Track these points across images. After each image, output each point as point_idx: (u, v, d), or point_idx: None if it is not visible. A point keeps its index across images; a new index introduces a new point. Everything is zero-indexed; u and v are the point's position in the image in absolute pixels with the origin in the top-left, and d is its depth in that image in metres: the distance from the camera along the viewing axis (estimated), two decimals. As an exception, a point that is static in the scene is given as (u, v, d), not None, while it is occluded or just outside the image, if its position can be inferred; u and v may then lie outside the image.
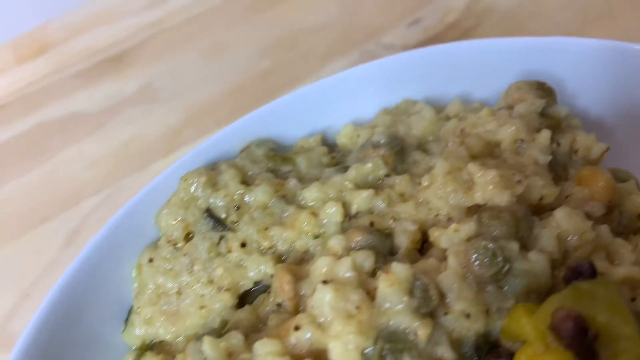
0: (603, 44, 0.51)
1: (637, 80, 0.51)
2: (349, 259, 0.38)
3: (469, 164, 0.41)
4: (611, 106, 0.53)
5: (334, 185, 0.44)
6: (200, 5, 0.89)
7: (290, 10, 0.88)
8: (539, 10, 0.84)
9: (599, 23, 0.82)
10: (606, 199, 0.42)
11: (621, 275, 0.38)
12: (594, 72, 0.52)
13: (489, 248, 0.36)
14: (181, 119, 0.80)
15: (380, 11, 0.87)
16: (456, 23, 0.84)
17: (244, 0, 0.89)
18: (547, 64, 0.53)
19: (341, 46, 0.84)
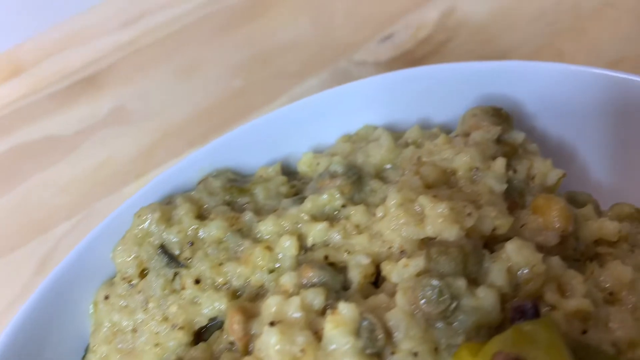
0: (561, 68, 0.51)
1: (594, 102, 0.51)
2: (298, 299, 0.37)
3: (420, 196, 0.41)
4: (571, 129, 0.53)
5: (290, 218, 0.44)
6: (174, 25, 0.89)
7: (263, 28, 0.88)
8: (511, 24, 0.84)
9: (570, 36, 0.82)
10: (560, 228, 0.42)
11: (572, 307, 0.38)
12: (554, 95, 0.52)
13: (436, 286, 0.36)
14: (153, 141, 0.79)
15: (353, 28, 0.87)
16: (428, 38, 0.84)
17: (216, 19, 0.89)
18: (507, 88, 0.52)
19: (313, 64, 0.84)
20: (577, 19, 0.84)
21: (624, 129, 0.51)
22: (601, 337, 0.38)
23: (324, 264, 0.41)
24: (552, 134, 0.53)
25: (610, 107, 0.51)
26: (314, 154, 0.51)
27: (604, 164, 0.53)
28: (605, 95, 0.51)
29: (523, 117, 0.53)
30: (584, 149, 0.53)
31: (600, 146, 0.52)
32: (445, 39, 0.84)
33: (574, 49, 0.81)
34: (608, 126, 0.52)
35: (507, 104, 0.53)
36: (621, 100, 0.51)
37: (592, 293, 0.39)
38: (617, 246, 0.45)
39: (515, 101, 0.53)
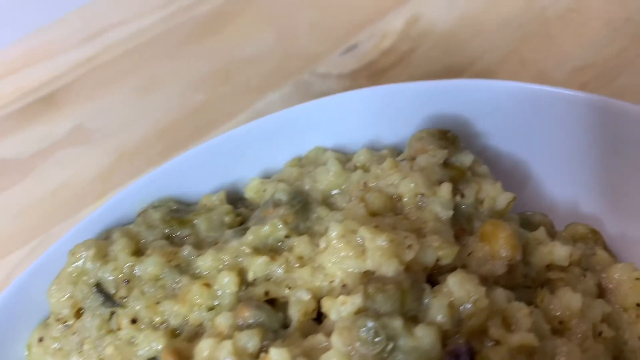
0: (512, 86, 0.50)
1: (547, 120, 0.50)
2: (230, 343, 0.36)
3: (360, 228, 0.39)
4: (525, 147, 0.51)
5: (230, 251, 0.43)
6: (135, 40, 0.87)
7: (225, 41, 0.86)
8: (476, 32, 0.82)
9: (536, 42, 0.80)
10: (507, 257, 0.41)
11: (516, 342, 0.36)
12: (506, 114, 0.50)
13: (371, 327, 0.34)
14: (113, 161, 0.78)
15: (316, 39, 0.85)
16: (392, 48, 0.82)
17: (177, 33, 0.87)
18: (459, 106, 0.51)
19: (276, 77, 0.82)
20: (543, 26, 0.83)
21: (578, 146, 0.50)
22: (547, 372, 0.36)
23: (261, 303, 0.40)
24: (505, 153, 0.52)
25: (563, 124, 0.50)
26: (261, 180, 0.49)
27: (559, 181, 0.51)
28: (557, 113, 0.50)
29: (475, 136, 0.52)
30: (539, 167, 0.52)
31: (555, 164, 0.51)
32: (410, 49, 0.82)
33: (540, 56, 0.80)
34: (562, 143, 0.51)
35: (459, 124, 0.51)
36: (573, 117, 0.49)
37: (538, 325, 0.38)
38: (568, 271, 0.43)
39: (468, 120, 0.51)
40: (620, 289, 0.43)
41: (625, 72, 0.77)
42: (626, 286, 0.43)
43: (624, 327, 0.42)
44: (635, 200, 0.49)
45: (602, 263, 0.45)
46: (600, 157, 0.50)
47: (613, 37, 0.79)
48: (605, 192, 0.50)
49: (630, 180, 0.49)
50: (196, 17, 0.88)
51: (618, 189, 0.49)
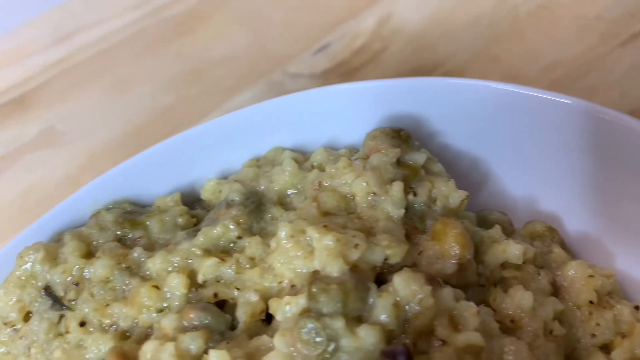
0: (472, 84, 0.49)
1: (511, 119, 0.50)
2: (172, 345, 0.35)
3: (308, 228, 0.39)
4: (486, 145, 0.51)
5: (180, 253, 0.42)
6: (106, 42, 0.87)
7: (197, 42, 0.86)
8: (447, 30, 0.82)
9: (506, 41, 0.80)
10: (457, 255, 0.40)
11: (463, 342, 0.36)
12: (465, 112, 0.50)
13: (312, 328, 0.34)
14: (82, 163, 0.77)
15: (288, 39, 0.85)
16: (363, 48, 0.82)
17: (149, 34, 0.87)
18: (417, 105, 0.51)
19: (247, 77, 0.82)
20: (514, 23, 0.82)
21: (538, 144, 0.50)
22: (494, 371, 0.36)
23: (208, 304, 0.39)
24: (466, 152, 0.52)
25: (522, 122, 0.50)
26: (217, 181, 0.49)
27: (520, 180, 0.51)
28: (516, 111, 0.49)
29: (435, 135, 0.51)
30: (499, 165, 0.52)
31: (516, 162, 0.51)
32: (381, 48, 0.82)
33: (510, 54, 0.80)
34: (522, 142, 0.50)
35: (419, 122, 0.51)
36: (532, 115, 0.49)
37: (487, 324, 0.38)
38: (523, 269, 0.43)
39: (427, 119, 0.51)
40: (574, 286, 0.43)
41: (595, 69, 0.77)
42: (579, 283, 0.43)
43: (577, 324, 0.42)
44: (594, 198, 0.49)
45: (558, 261, 0.45)
46: (561, 155, 0.49)
47: (583, 34, 0.79)
48: (565, 190, 0.50)
49: (590, 178, 0.49)
50: (168, 18, 0.88)
51: (577, 186, 0.49)
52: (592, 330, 0.41)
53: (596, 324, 0.41)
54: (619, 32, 0.80)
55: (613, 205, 0.48)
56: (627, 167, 0.46)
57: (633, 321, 0.42)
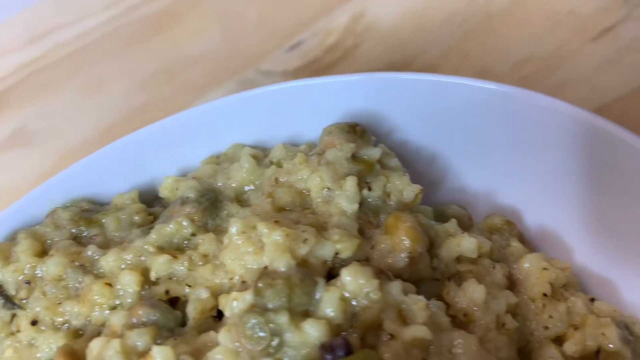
0: (432, 80, 0.49)
1: (471, 114, 0.50)
2: (117, 342, 0.35)
3: (259, 223, 0.39)
4: (446, 139, 0.51)
5: (134, 250, 0.42)
6: (79, 42, 0.86)
7: (171, 41, 0.86)
8: (420, 27, 0.82)
9: (478, 37, 0.80)
10: (408, 249, 0.40)
11: (410, 336, 0.36)
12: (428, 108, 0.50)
13: (255, 323, 0.34)
14: (54, 163, 0.77)
15: (262, 37, 0.84)
16: (336, 45, 0.82)
17: (122, 34, 0.86)
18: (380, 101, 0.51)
19: (220, 76, 0.81)
20: (487, 20, 0.82)
21: (497, 138, 0.50)
22: (442, 365, 0.36)
23: (157, 301, 0.39)
24: (426, 147, 0.52)
25: (482, 117, 0.50)
26: (176, 178, 0.48)
27: (481, 174, 0.51)
28: (476, 106, 0.49)
29: (395, 130, 0.51)
30: (460, 160, 0.51)
31: (476, 157, 0.51)
32: (354, 45, 0.82)
33: (482, 51, 0.80)
34: (483, 136, 0.50)
35: (380, 117, 0.51)
36: (492, 110, 0.49)
37: (436, 318, 0.38)
38: (478, 263, 0.43)
39: (388, 114, 0.51)
40: (529, 279, 0.43)
41: (565, 65, 0.77)
42: (534, 276, 0.43)
43: (531, 317, 0.42)
44: (554, 192, 0.49)
45: (516, 254, 0.45)
46: (521, 150, 0.50)
47: (555, 30, 0.79)
48: (525, 184, 0.50)
49: (549, 173, 0.49)
50: (141, 17, 0.87)
51: (538, 181, 0.49)
52: (545, 322, 0.41)
53: (549, 316, 0.41)
54: (590, 27, 0.80)
55: (573, 200, 0.48)
56: (587, 162, 0.46)
57: (586, 313, 0.42)
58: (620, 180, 0.45)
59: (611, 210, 0.46)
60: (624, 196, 0.45)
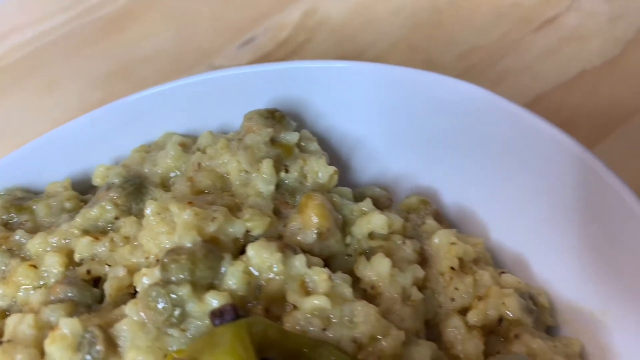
0: (352, 66, 0.51)
1: (393, 100, 0.52)
2: (31, 317, 0.37)
3: (170, 204, 0.41)
4: (367, 125, 0.53)
5: (59, 234, 0.44)
6: (35, 43, 0.88)
7: (127, 40, 0.87)
8: (369, 20, 0.84)
9: (425, 29, 0.82)
10: (315, 225, 0.42)
11: (310, 306, 0.38)
12: (349, 93, 0.52)
13: (157, 295, 0.36)
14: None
15: (215, 33, 0.86)
16: (287, 40, 0.84)
17: (79, 34, 0.88)
18: (302, 89, 0.53)
19: (173, 72, 0.83)
20: (434, 13, 0.85)
21: (418, 123, 0.52)
22: (343, 334, 0.38)
23: (75, 280, 0.41)
24: (351, 132, 0.54)
25: (404, 102, 0.52)
26: (107, 166, 0.50)
27: (402, 157, 0.53)
28: (398, 92, 0.51)
29: (320, 116, 0.53)
30: (382, 144, 0.53)
31: (398, 141, 0.53)
32: (305, 40, 0.84)
33: (429, 42, 0.82)
34: (404, 121, 0.52)
35: (306, 105, 0.53)
36: (412, 95, 0.51)
37: (339, 289, 0.39)
38: (389, 239, 0.45)
39: (313, 101, 0.53)
40: (438, 254, 0.45)
41: (508, 55, 0.79)
42: (443, 251, 0.45)
43: (439, 290, 0.44)
44: (471, 174, 0.51)
45: (429, 231, 0.47)
46: (441, 134, 0.51)
47: (499, 20, 0.82)
48: (443, 166, 0.52)
49: (467, 156, 0.51)
50: (98, 18, 0.89)
51: (456, 163, 0.51)
52: (452, 294, 0.43)
53: (455, 288, 0.43)
54: (534, 18, 0.82)
55: (488, 180, 0.50)
56: (502, 145, 0.48)
57: (492, 285, 0.43)
58: (534, 166, 0.46)
59: (525, 191, 0.48)
60: (536, 180, 0.46)
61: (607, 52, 0.78)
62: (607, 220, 0.42)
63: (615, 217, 0.42)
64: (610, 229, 0.42)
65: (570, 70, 0.77)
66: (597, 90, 0.75)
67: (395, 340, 0.38)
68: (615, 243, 0.42)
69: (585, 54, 0.78)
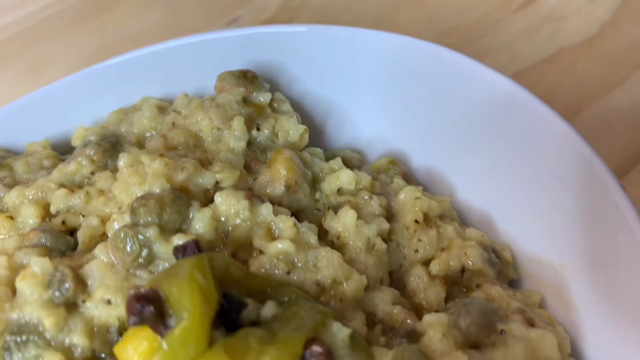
0: (329, 30, 0.53)
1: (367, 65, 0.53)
2: (4, 258, 0.39)
3: (142, 156, 0.42)
4: (341, 91, 0.54)
5: (36, 187, 0.45)
6: (23, 24, 0.90)
7: (116, 19, 0.89)
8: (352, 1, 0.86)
9: (407, 10, 0.84)
10: (284, 177, 0.44)
11: (274, 249, 0.39)
12: (322, 59, 0.54)
13: (122, 236, 0.37)
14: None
15: (202, 12, 0.88)
16: (272, 19, 0.85)
17: (68, 14, 0.90)
18: (279, 53, 0.54)
19: (160, 51, 0.84)
20: (417, -8, 0.86)
21: (388, 88, 0.53)
22: (306, 277, 0.39)
23: (49, 228, 0.42)
24: (324, 97, 0.55)
25: (376, 67, 0.53)
26: (85, 128, 0.52)
27: (374, 121, 0.54)
28: (370, 56, 0.53)
29: (295, 81, 0.55)
30: (355, 109, 0.55)
31: (370, 106, 0.54)
32: (288, 19, 0.85)
33: (410, 21, 0.83)
34: (377, 87, 0.54)
35: (280, 70, 0.54)
36: (384, 60, 0.53)
37: (304, 237, 0.41)
38: (357, 195, 0.46)
39: (288, 67, 0.54)
40: (404, 209, 0.46)
41: (488, 34, 0.81)
42: (408, 205, 0.46)
43: (404, 243, 0.45)
44: (438, 136, 0.52)
45: (397, 189, 0.48)
46: (411, 98, 0.53)
47: (480, 1, 0.83)
48: (413, 130, 0.53)
49: (438, 117, 0.52)
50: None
51: (425, 125, 0.52)
52: (415, 246, 0.45)
53: (418, 239, 0.45)
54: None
55: (457, 144, 0.51)
56: (471, 111, 0.50)
57: (455, 237, 0.45)
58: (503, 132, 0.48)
59: (493, 155, 0.49)
60: (504, 144, 0.48)
61: (585, 31, 0.80)
62: (571, 182, 0.43)
63: (580, 180, 0.42)
64: (572, 189, 0.43)
65: (548, 48, 0.78)
66: (575, 67, 0.77)
67: (357, 284, 0.39)
68: (577, 202, 0.43)
69: (564, 33, 0.80)
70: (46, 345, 0.36)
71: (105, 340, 0.37)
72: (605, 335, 0.40)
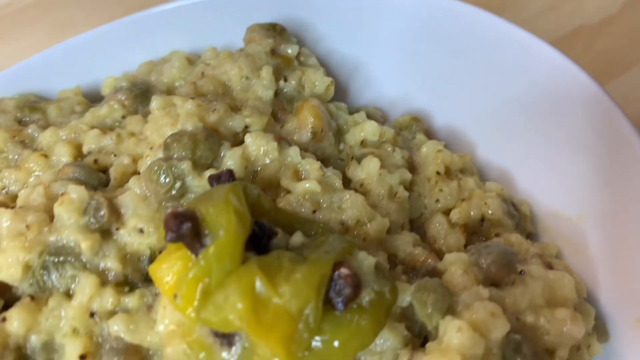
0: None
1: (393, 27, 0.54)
2: (41, 187, 0.40)
3: (174, 98, 0.43)
4: (366, 50, 0.55)
5: (69, 128, 0.47)
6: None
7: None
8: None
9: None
10: (311, 124, 0.45)
11: (301, 189, 0.40)
12: (349, 19, 0.55)
13: (159, 168, 0.39)
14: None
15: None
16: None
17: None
18: (308, 11, 0.55)
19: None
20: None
21: (414, 49, 0.54)
22: (331, 216, 0.40)
23: (83, 163, 0.44)
24: (350, 56, 0.56)
25: (402, 26, 0.54)
26: (116, 77, 0.53)
27: (397, 80, 0.56)
28: (395, 16, 0.54)
29: (322, 39, 0.56)
30: (378, 67, 0.56)
31: (394, 64, 0.55)
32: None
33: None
34: (401, 47, 0.55)
35: (308, 27, 0.56)
36: (411, 20, 0.53)
37: (330, 179, 0.42)
38: (380, 147, 0.48)
39: (316, 24, 0.56)
40: (426, 162, 0.47)
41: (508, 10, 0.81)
42: (430, 158, 0.47)
43: (425, 193, 0.46)
44: (460, 94, 0.53)
45: (419, 144, 0.49)
46: (436, 58, 0.54)
47: (500, -23, 0.84)
48: (435, 89, 0.54)
49: (459, 77, 0.53)
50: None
51: (447, 86, 0.53)
52: (436, 196, 0.46)
53: (439, 190, 0.46)
54: (534, -25, 0.84)
55: (478, 101, 0.52)
56: (490, 69, 0.50)
57: (475, 189, 0.46)
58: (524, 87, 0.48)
59: (512, 110, 0.50)
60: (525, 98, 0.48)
61: (605, 9, 0.80)
62: (589, 135, 0.44)
63: (599, 131, 0.43)
64: (590, 143, 0.44)
65: (568, 25, 0.79)
66: (594, 45, 0.78)
67: (380, 225, 0.40)
68: (595, 156, 0.43)
69: (584, 11, 0.81)
70: (82, 267, 0.37)
71: (137, 267, 0.38)
72: (620, 284, 0.41)
